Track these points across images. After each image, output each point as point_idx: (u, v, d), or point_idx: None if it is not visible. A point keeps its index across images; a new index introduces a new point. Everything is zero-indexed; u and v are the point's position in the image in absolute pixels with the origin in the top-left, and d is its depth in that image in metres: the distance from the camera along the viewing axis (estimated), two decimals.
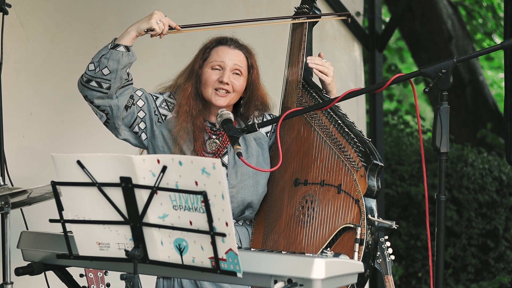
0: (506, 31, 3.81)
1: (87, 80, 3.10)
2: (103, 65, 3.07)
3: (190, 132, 3.19)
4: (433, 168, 7.21)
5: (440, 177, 2.75)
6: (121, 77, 3.10)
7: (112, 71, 3.07)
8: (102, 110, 3.12)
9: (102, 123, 3.19)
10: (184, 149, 3.17)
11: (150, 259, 2.48)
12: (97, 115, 3.17)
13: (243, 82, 3.23)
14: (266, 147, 3.30)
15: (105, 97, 3.10)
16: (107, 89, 3.09)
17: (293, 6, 3.41)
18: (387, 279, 3.60)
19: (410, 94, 11.14)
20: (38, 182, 2.98)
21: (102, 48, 3.12)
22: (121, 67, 3.08)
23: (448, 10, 8.57)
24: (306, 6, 3.35)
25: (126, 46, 3.10)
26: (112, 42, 3.13)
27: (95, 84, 3.09)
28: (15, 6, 4.14)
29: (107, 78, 3.08)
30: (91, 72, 3.09)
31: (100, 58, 3.09)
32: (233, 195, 3.17)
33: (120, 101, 3.13)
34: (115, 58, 3.08)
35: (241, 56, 3.24)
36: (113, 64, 3.07)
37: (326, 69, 3.26)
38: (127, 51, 3.10)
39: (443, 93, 2.75)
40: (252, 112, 3.29)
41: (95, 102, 3.11)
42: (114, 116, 3.13)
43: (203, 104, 3.23)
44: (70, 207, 2.49)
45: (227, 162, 3.20)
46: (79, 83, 3.13)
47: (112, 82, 3.08)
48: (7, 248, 3.12)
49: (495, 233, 7.20)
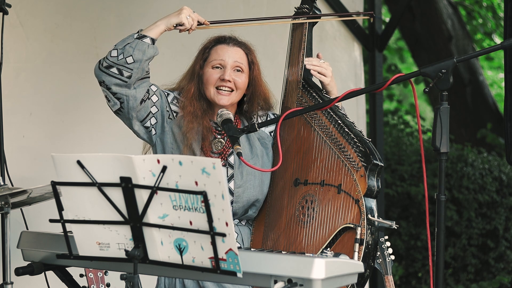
0: (506, 31, 3.81)
1: (108, 66, 3.08)
2: (128, 54, 3.07)
3: (199, 132, 3.19)
4: (433, 168, 7.21)
5: (440, 177, 2.75)
6: (143, 69, 3.10)
7: (136, 60, 3.07)
8: (118, 98, 3.10)
9: (114, 111, 3.16)
10: (194, 147, 3.17)
11: (150, 259, 2.49)
12: (109, 102, 3.14)
13: (245, 79, 3.23)
14: (270, 147, 3.30)
15: (123, 85, 3.08)
16: (128, 78, 3.07)
17: (293, 6, 3.41)
18: (387, 279, 3.60)
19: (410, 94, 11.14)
20: (38, 182, 2.98)
21: (127, 37, 3.11)
22: (146, 59, 3.08)
23: (448, 10, 8.57)
24: (306, 6, 3.35)
25: (152, 39, 3.10)
26: (138, 32, 3.12)
27: (115, 71, 3.07)
28: (15, 6, 4.14)
29: (130, 67, 3.07)
30: (113, 58, 3.08)
31: (124, 46, 3.08)
32: (239, 194, 3.17)
33: (138, 93, 3.12)
34: (141, 48, 3.07)
35: (241, 53, 3.24)
36: (138, 54, 3.07)
37: (324, 70, 3.26)
38: (152, 44, 3.10)
39: (443, 93, 2.75)
40: (255, 108, 3.28)
41: (112, 89, 3.09)
42: (130, 106, 3.12)
43: (207, 104, 3.23)
44: (70, 207, 2.49)
45: (233, 162, 3.20)
46: (97, 68, 3.11)
47: (134, 72, 3.07)
48: (7, 248, 3.12)
49: (495, 233, 7.20)
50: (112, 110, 3.17)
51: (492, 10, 9.74)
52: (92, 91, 4.54)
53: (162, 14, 3.23)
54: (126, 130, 3.27)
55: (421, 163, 4.50)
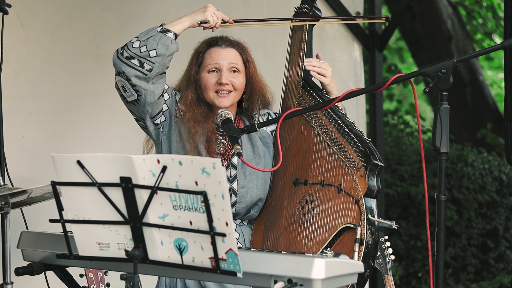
0: (506, 31, 3.81)
1: (129, 56, 3.05)
2: (152, 47, 3.04)
3: (204, 134, 3.18)
4: (433, 168, 7.21)
5: (440, 177, 2.75)
6: (164, 64, 3.07)
7: (159, 54, 3.04)
8: (136, 90, 3.07)
9: (128, 101, 3.11)
10: (200, 148, 3.16)
11: (150, 259, 2.48)
12: (125, 92, 3.09)
13: (242, 78, 3.22)
14: (272, 146, 3.29)
15: (143, 79, 3.05)
16: (148, 71, 3.04)
17: (293, 6, 3.41)
18: (387, 279, 3.60)
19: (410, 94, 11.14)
20: (38, 182, 2.98)
21: (150, 29, 3.08)
22: (168, 54, 3.06)
23: (448, 10, 8.56)
24: (306, 6, 3.35)
25: (175, 34, 3.09)
26: (161, 26, 3.10)
27: (136, 63, 3.04)
28: (15, 6, 4.14)
29: (152, 60, 3.04)
30: (135, 49, 3.04)
31: (147, 39, 3.05)
32: (243, 195, 3.17)
33: (157, 89, 3.09)
34: (164, 42, 3.05)
35: (234, 53, 3.23)
36: (161, 48, 3.05)
37: (324, 71, 3.26)
38: (175, 39, 3.08)
39: (443, 93, 2.75)
40: (256, 105, 3.28)
41: (132, 81, 3.05)
42: (147, 101, 3.09)
43: (207, 107, 3.22)
44: (70, 207, 2.49)
45: (236, 163, 3.20)
46: (116, 57, 3.07)
47: (155, 66, 3.05)
48: (7, 248, 3.12)
49: (495, 233, 7.20)
50: (126, 100, 3.11)
51: (492, 10, 9.74)
52: (92, 91, 4.56)
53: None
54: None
55: (421, 163, 4.50)
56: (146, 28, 3.17)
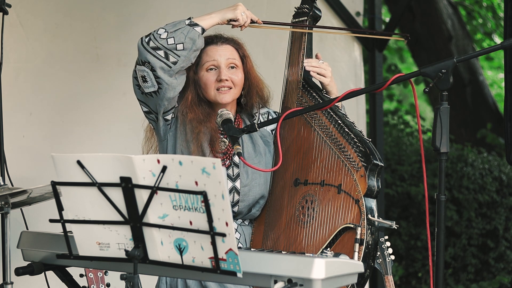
0: (506, 31, 3.81)
1: (156, 47, 3.02)
2: (179, 40, 3.02)
3: (207, 133, 3.18)
4: (433, 168, 7.21)
5: (440, 177, 2.75)
6: (189, 59, 3.06)
7: (186, 48, 3.03)
8: (159, 83, 3.05)
9: (144, 93, 3.07)
10: (204, 147, 3.16)
11: (150, 259, 2.48)
12: (144, 83, 3.06)
13: (241, 74, 3.22)
14: (273, 144, 3.29)
15: (167, 71, 3.03)
16: (173, 64, 3.03)
17: (293, 6, 3.41)
18: (387, 279, 3.60)
19: (410, 94, 11.14)
20: (38, 182, 2.98)
21: (178, 21, 3.06)
22: (195, 49, 3.05)
23: (448, 10, 8.57)
24: (306, 6, 3.35)
25: (203, 29, 3.08)
26: (190, 19, 3.08)
27: (162, 54, 3.02)
28: (15, 6, 4.14)
29: (178, 54, 3.02)
30: (162, 40, 3.02)
31: (175, 31, 3.03)
32: (245, 193, 3.17)
33: (178, 84, 3.07)
34: (192, 36, 3.04)
35: (231, 49, 3.22)
36: (189, 42, 3.03)
37: (324, 71, 3.26)
38: (202, 34, 3.07)
39: (443, 93, 2.75)
40: (255, 100, 3.27)
41: (157, 72, 3.02)
42: (166, 96, 3.07)
43: (209, 107, 3.22)
44: (70, 207, 2.49)
45: (238, 162, 3.20)
46: (142, 46, 3.03)
47: (181, 60, 3.03)
48: (7, 248, 3.12)
49: (495, 233, 7.20)
50: (143, 91, 3.08)
51: (492, 10, 9.74)
52: (92, 91, 4.56)
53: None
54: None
55: (421, 163, 4.50)
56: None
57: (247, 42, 3.33)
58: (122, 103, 4.54)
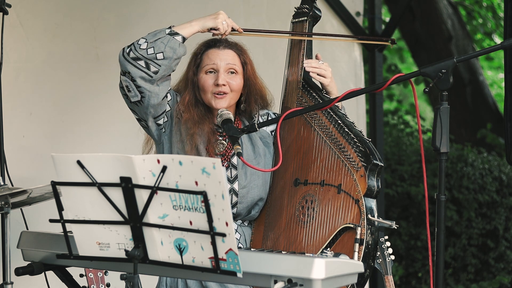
0: (506, 31, 3.81)
1: (136, 57, 3.04)
2: (159, 49, 3.03)
3: (203, 135, 3.18)
4: (433, 168, 7.21)
5: (440, 177, 2.75)
6: (171, 67, 3.07)
7: (166, 57, 3.04)
8: (141, 91, 3.07)
9: (131, 102, 3.11)
10: (200, 149, 3.16)
11: (150, 259, 2.49)
12: (129, 93, 3.09)
13: (240, 80, 3.22)
14: (272, 145, 3.29)
15: (148, 80, 3.05)
16: (154, 73, 3.04)
17: (293, 6, 3.41)
18: (387, 279, 3.60)
19: (410, 94, 11.14)
20: (38, 182, 2.98)
21: (159, 31, 3.08)
22: (175, 57, 3.06)
23: (448, 10, 8.57)
24: (306, 6, 3.35)
25: (183, 37, 3.08)
26: (170, 28, 3.09)
27: (143, 64, 3.04)
28: (15, 6, 4.14)
29: (159, 63, 3.04)
30: (142, 51, 3.03)
31: (155, 40, 3.04)
32: (244, 195, 3.17)
33: (161, 91, 3.09)
34: (172, 45, 3.05)
35: (232, 55, 3.22)
36: (169, 51, 3.04)
37: (323, 71, 3.25)
38: (182, 43, 3.08)
39: (443, 93, 2.75)
40: (254, 107, 3.28)
41: (137, 82, 3.05)
42: (151, 103, 3.09)
43: (205, 108, 3.22)
44: (70, 207, 2.49)
45: (236, 163, 3.20)
46: (123, 57, 3.06)
47: (162, 69, 3.04)
48: (7, 248, 3.12)
49: (495, 233, 7.20)
50: (130, 100, 3.11)
51: (492, 10, 9.74)
52: (92, 91, 4.56)
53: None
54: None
55: (421, 163, 4.50)
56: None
57: (247, 43, 3.33)
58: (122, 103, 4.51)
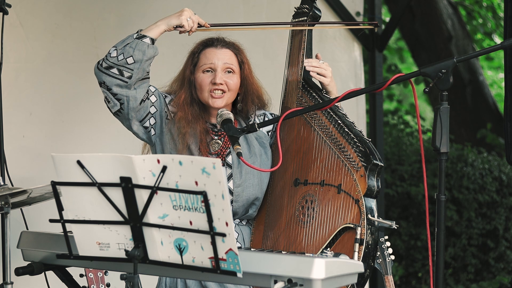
0: (506, 31, 3.81)
1: (108, 66, 3.07)
2: (128, 54, 3.06)
3: (195, 134, 3.19)
4: (433, 168, 7.21)
5: (440, 177, 2.75)
6: (143, 69, 3.09)
7: (136, 61, 3.06)
8: (118, 99, 3.10)
9: (113, 112, 3.16)
10: (192, 148, 3.17)
11: (150, 259, 2.49)
12: (109, 103, 3.13)
13: (237, 79, 3.23)
14: (268, 146, 3.30)
15: (124, 86, 3.08)
16: (128, 78, 3.07)
17: (293, 6, 3.41)
18: (387, 279, 3.60)
19: (410, 94, 11.14)
20: (38, 182, 2.98)
21: (127, 37, 3.11)
22: (146, 59, 3.08)
23: (448, 10, 8.57)
24: (306, 6, 3.35)
25: (152, 39, 3.10)
26: (138, 32, 3.11)
27: (116, 72, 3.07)
28: (15, 6, 4.14)
29: (130, 67, 3.06)
30: (113, 59, 3.07)
31: (124, 46, 3.07)
32: (239, 194, 3.17)
33: (138, 93, 3.11)
34: (140, 48, 3.07)
35: (230, 54, 3.24)
36: (138, 54, 3.06)
37: (324, 71, 3.26)
38: (152, 44, 3.09)
39: (443, 93, 2.75)
40: (250, 107, 3.29)
41: (113, 90, 3.08)
42: (130, 107, 3.12)
43: (200, 108, 3.23)
44: (70, 207, 2.49)
45: (231, 162, 3.20)
46: (97, 69, 3.10)
47: (134, 72, 3.07)
48: (7, 248, 3.12)
49: (495, 233, 7.20)
50: (112, 111, 3.16)
51: (492, 10, 9.74)
52: (92, 91, 4.54)
53: (162, 14, 3.23)
54: (126, 130, 3.27)
55: (421, 163, 4.50)
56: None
57: (247, 43, 3.33)
58: None
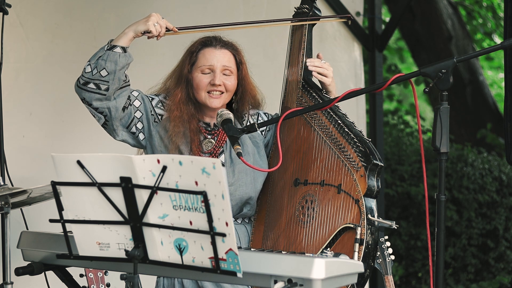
0: (506, 31, 3.81)
1: (85, 82, 3.10)
2: (101, 67, 3.08)
3: (186, 134, 3.19)
4: (433, 168, 7.21)
5: (440, 177, 2.75)
6: (119, 78, 3.10)
7: (110, 72, 3.08)
8: (101, 112, 3.12)
9: (100, 125, 3.19)
10: (182, 149, 3.17)
11: (150, 259, 2.49)
12: (95, 117, 3.17)
13: (234, 80, 3.23)
14: (262, 145, 3.30)
15: (103, 99, 3.10)
16: (105, 91, 3.09)
17: (293, 6, 3.42)
18: (387, 279, 3.60)
19: (410, 94, 11.14)
20: (38, 182, 2.98)
21: (98, 50, 3.13)
22: (119, 68, 3.09)
23: (448, 10, 8.57)
24: (306, 6, 3.35)
25: (122, 47, 3.10)
26: (108, 43, 3.13)
27: (93, 86, 3.09)
28: (15, 6, 4.14)
29: (105, 79, 3.08)
30: (88, 74, 3.09)
31: (97, 60, 3.09)
32: (231, 192, 3.17)
33: (119, 103, 3.13)
34: (112, 59, 3.08)
35: (229, 55, 3.24)
36: (110, 65, 3.07)
37: (326, 71, 3.27)
38: (123, 52, 3.10)
39: (443, 93, 2.75)
40: (246, 107, 3.29)
41: (93, 104, 3.11)
42: (113, 117, 3.13)
43: (195, 107, 3.24)
44: (70, 207, 2.49)
45: (223, 161, 3.21)
46: (76, 86, 3.14)
47: (111, 84, 3.09)
48: (7, 248, 3.12)
49: (495, 233, 7.20)
50: (100, 124, 3.18)
51: (492, 10, 9.74)
52: None
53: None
54: None
55: (421, 163, 4.50)
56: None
57: (247, 43, 3.33)
58: None
